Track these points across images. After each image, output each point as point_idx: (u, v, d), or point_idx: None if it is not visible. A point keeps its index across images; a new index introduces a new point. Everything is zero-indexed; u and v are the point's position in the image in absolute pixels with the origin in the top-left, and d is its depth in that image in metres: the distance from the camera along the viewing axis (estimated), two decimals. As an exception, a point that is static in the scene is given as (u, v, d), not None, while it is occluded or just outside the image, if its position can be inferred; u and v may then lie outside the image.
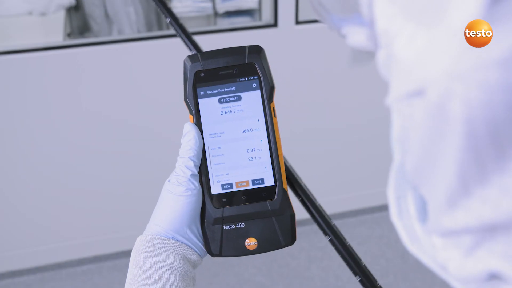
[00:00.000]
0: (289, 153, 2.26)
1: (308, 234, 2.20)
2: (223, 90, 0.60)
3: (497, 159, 0.23)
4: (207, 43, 1.87)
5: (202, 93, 0.60)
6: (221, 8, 2.15)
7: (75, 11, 2.19)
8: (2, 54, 1.74)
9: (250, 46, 0.61)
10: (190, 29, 2.05)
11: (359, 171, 2.25)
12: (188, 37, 0.68)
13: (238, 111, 0.60)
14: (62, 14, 2.04)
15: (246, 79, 0.60)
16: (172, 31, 2.00)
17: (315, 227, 0.62)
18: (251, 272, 2.09)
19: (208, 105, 0.60)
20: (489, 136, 0.23)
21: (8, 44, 1.80)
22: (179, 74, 0.68)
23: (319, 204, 0.62)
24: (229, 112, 0.60)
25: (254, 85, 0.60)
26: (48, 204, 2.00)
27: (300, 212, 2.19)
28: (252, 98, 0.60)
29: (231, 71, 0.60)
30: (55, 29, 1.96)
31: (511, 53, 0.21)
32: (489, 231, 0.26)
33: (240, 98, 0.60)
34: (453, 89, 0.23)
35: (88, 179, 2.00)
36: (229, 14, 2.17)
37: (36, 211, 2.01)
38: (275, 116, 0.60)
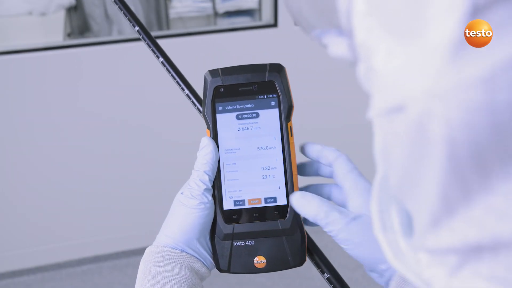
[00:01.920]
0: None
1: (309, 234, 2.19)
2: (241, 106, 0.60)
3: (481, 180, 0.23)
4: (207, 43, 1.87)
5: (220, 108, 0.60)
6: (221, 8, 2.15)
7: (75, 11, 2.19)
8: (2, 54, 1.73)
9: (271, 64, 0.61)
10: (189, 29, 2.05)
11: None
12: (152, 41, 0.67)
13: (255, 128, 0.60)
14: (62, 14, 2.04)
15: (265, 96, 0.60)
16: (173, 31, 2.00)
17: (315, 227, 0.62)
18: (251, 272, 2.09)
19: (226, 120, 0.60)
20: (471, 157, 0.22)
21: (8, 44, 1.80)
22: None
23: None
24: (246, 128, 0.60)
25: (273, 103, 0.60)
26: (48, 204, 2.00)
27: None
28: (269, 116, 0.60)
29: (251, 88, 0.60)
30: (55, 29, 1.96)
31: (492, 72, 0.21)
32: (474, 251, 0.25)
33: (258, 115, 0.60)
34: (433, 109, 0.22)
35: (88, 179, 2.00)
36: (229, 14, 2.17)
37: (36, 211, 2.01)
38: (291, 135, 0.60)
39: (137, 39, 1.81)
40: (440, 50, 0.21)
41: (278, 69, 0.61)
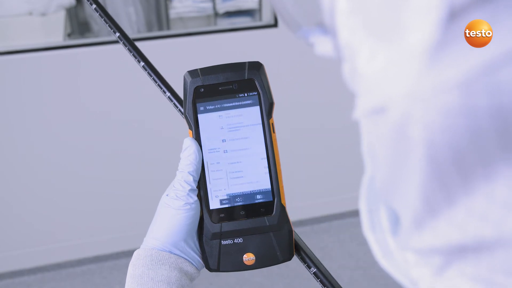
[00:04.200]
0: (290, 153, 2.25)
1: (308, 234, 2.20)
2: (222, 105, 0.61)
3: (461, 183, 0.23)
4: (208, 43, 1.87)
5: (201, 108, 0.61)
6: (221, 8, 2.15)
7: (75, 11, 2.20)
8: (2, 55, 1.74)
9: (250, 62, 0.61)
10: (190, 29, 2.04)
11: (359, 171, 2.25)
12: (132, 45, 0.68)
13: (237, 126, 0.61)
14: (62, 14, 2.04)
15: (246, 95, 0.61)
16: (173, 31, 2.00)
17: (315, 227, 0.62)
18: (251, 272, 2.09)
19: (208, 120, 0.61)
20: (451, 160, 0.22)
21: (8, 44, 1.80)
22: (179, 74, 0.68)
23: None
24: (228, 127, 0.61)
25: (254, 101, 0.61)
26: (49, 204, 2.00)
27: (300, 212, 2.20)
28: (251, 114, 0.61)
29: (231, 86, 0.61)
30: (55, 29, 1.96)
31: (469, 76, 0.21)
32: (458, 252, 0.25)
33: (239, 114, 0.61)
34: (412, 112, 0.22)
35: (88, 179, 2.00)
36: (229, 14, 2.17)
37: (36, 212, 2.01)
38: (274, 132, 0.60)
39: (137, 39, 1.82)
40: (419, 53, 0.21)
41: (257, 67, 0.61)
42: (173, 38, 1.85)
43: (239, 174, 0.60)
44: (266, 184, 0.60)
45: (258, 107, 0.60)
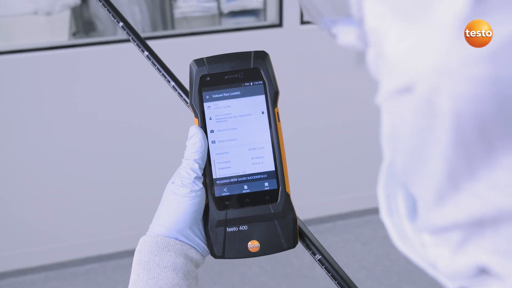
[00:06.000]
0: (294, 152, 2.25)
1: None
2: (228, 94, 0.61)
3: (485, 154, 0.23)
4: (212, 43, 1.87)
5: (207, 97, 0.61)
6: (226, 8, 2.15)
7: (80, 10, 2.20)
8: (8, 54, 1.74)
9: (255, 52, 0.61)
10: (194, 29, 2.04)
11: (363, 171, 2.25)
12: (140, 41, 0.69)
13: (242, 115, 0.61)
14: (67, 14, 2.04)
15: (251, 83, 0.61)
16: (178, 31, 2.00)
17: (318, 227, 0.62)
18: (254, 272, 2.09)
19: (213, 108, 0.61)
20: (477, 131, 0.23)
21: (13, 44, 1.80)
22: (183, 74, 0.69)
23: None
24: (234, 116, 0.61)
25: (259, 90, 0.61)
26: (52, 204, 2.01)
27: (304, 212, 2.20)
28: (256, 103, 0.61)
29: (237, 75, 0.61)
30: (60, 28, 1.97)
31: (497, 46, 0.21)
32: (477, 226, 0.26)
33: (245, 102, 0.61)
34: (441, 85, 0.23)
35: (91, 180, 2.00)
36: (234, 14, 2.17)
37: (40, 211, 2.01)
38: (279, 121, 0.61)
39: (142, 39, 1.82)
40: (448, 28, 0.22)
41: (262, 56, 0.61)
42: (178, 38, 1.85)
43: (244, 162, 0.60)
44: (271, 172, 0.61)
45: (263, 96, 0.61)
